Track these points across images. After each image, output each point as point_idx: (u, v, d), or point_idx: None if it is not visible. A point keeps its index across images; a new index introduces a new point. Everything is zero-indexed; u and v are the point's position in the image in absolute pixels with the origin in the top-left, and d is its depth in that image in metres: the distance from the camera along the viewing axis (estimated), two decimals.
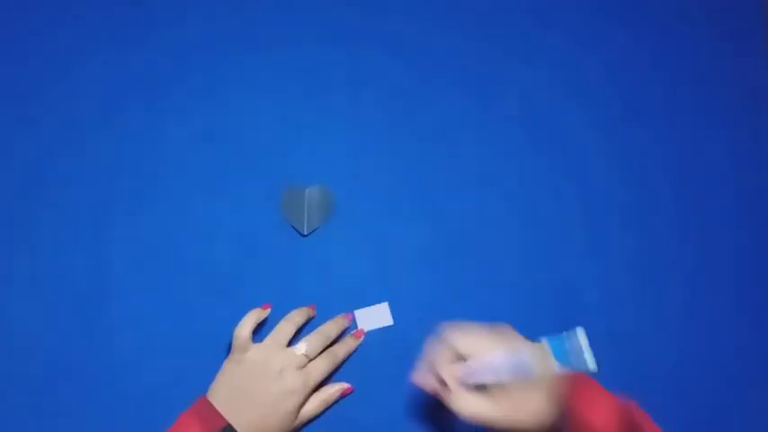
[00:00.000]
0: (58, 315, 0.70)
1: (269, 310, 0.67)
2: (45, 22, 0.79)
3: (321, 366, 0.65)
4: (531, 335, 0.66)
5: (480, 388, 0.60)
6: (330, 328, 0.68)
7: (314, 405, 0.65)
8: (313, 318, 0.70)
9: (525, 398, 0.58)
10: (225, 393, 0.63)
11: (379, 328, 0.71)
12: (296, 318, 0.67)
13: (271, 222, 0.74)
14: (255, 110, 0.77)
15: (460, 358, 0.61)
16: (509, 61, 0.81)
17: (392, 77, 0.79)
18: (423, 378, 0.63)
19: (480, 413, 0.59)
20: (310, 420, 0.66)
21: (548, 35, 0.82)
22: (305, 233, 0.73)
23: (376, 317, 0.71)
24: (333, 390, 0.67)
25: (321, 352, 0.67)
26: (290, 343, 0.66)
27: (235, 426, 0.61)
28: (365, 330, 0.70)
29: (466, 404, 0.59)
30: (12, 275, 0.71)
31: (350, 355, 0.69)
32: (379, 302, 0.71)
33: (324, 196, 0.75)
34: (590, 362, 0.66)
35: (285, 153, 0.76)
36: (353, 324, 0.70)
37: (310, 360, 0.65)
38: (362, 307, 0.71)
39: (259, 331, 0.66)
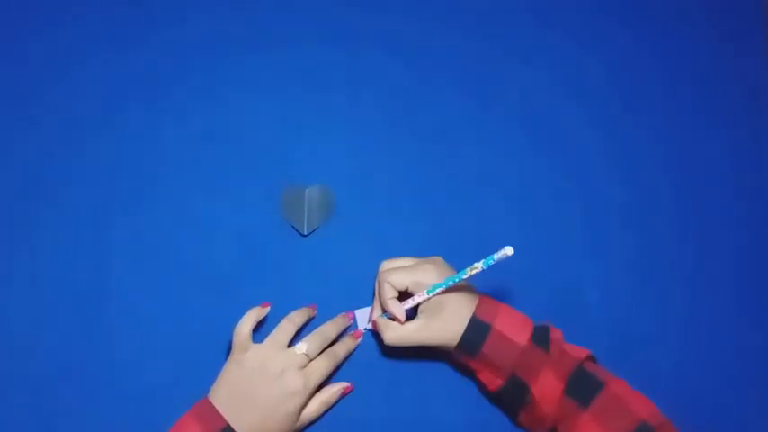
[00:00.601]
0: (58, 315, 0.70)
1: (269, 308, 0.67)
2: (45, 22, 0.79)
3: (322, 366, 0.65)
4: None
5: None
6: (330, 327, 0.68)
7: (315, 407, 0.65)
8: (313, 318, 0.70)
9: (452, 315, 0.64)
10: (226, 394, 0.63)
11: None
12: (296, 318, 0.67)
13: (271, 222, 0.74)
14: (255, 110, 0.77)
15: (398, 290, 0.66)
16: (509, 61, 0.81)
17: (392, 77, 0.79)
18: (370, 323, 0.69)
19: (405, 337, 0.65)
20: (312, 422, 0.66)
21: (548, 35, 0.82)
22: (305, 233, 0.73)
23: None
24: (334, 390, 0.67)
25: (321, 352, 0.66)
26: (291, 343, 0.66)
27: (235, 428, 0.61)
28: (365, 330, 0.70)
29: (393, 333, 0.65)
30: (12, 275, 0.71)
31: (350, 355, 0.69)
32: None
33: (324, 196, 0.75)
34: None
35: (285, 153, 0.76)
36: (354, 324, 0.70)
37: (311, 360, 0.65)
38: (362, 307, 0.71)
39: (259, 331, 0.66)
